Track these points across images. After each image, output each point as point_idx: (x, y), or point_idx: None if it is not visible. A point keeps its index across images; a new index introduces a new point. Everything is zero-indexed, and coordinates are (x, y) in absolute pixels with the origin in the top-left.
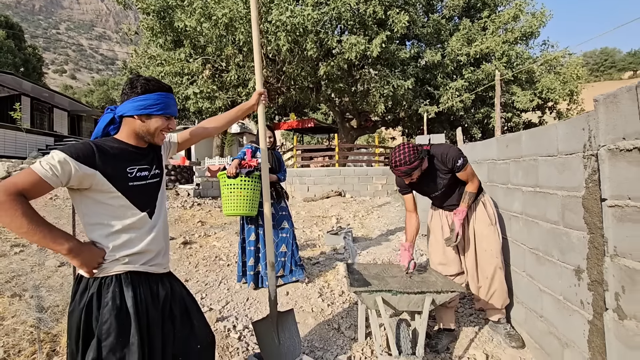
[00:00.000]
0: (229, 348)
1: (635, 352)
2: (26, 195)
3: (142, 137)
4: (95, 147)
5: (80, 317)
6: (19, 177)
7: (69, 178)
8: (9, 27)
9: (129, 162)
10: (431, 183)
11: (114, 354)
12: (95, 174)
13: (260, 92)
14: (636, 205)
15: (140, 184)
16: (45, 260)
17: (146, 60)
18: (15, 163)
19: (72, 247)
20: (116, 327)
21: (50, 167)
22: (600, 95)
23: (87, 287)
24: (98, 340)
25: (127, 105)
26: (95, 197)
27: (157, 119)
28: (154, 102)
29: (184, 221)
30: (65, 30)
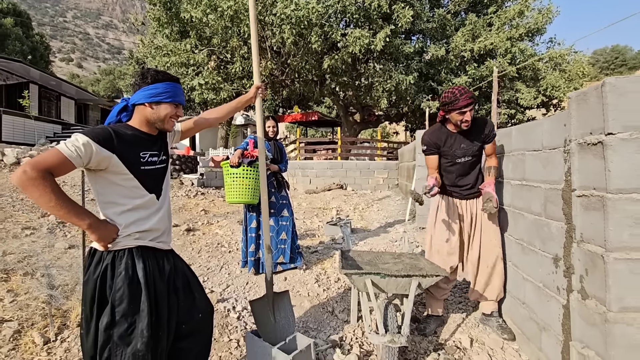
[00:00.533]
0: (228, 326)
1: (593, 329)
2: (53, 173)
3: (152, 123)
4: (114, 132)
5: (95, 285)
6: (48, 156)
7: (89, 159)
8: (16, 14)
9: (142, 147)
10: (463, 145)
11: (126, 318)
12: (112, 157)
13: (257, 86)
14: (599, 195)
15: (150, 168)
16: (55, 243)
17: (152, 50)
18: (24, 150)
19: (92, 222)
20: (128, 294)
21: (75, 149)
22: (573, 93)
23: (101, 259)
24: (112, 306)
25: (139, 94)
26: (110, 178)
27: (166, 106)
28: (163, 90)
29: (187, 209)
30: (72, 18)
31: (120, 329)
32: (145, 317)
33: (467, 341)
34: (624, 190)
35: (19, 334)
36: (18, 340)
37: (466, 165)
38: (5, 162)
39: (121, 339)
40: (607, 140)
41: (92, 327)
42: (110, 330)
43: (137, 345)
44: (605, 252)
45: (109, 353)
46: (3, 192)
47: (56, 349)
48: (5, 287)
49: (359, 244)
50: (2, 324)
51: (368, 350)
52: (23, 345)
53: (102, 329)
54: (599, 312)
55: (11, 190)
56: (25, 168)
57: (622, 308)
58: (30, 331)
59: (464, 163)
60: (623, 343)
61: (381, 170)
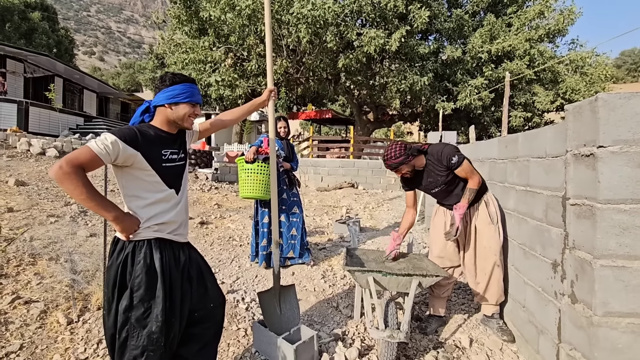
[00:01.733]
0: (237, 316)
1: (581, 331)
2: (85, 168)
3: (173, 122)
4: (138, 132)
5: (117, 271)
6: (80, 154)
7: (117, 156)
8: (43, 9)
9: (163, 145)
10: (429, 180)
11: (143, 303)
12: (137, 154)
13: (271, 89)
14: (589, 204)
15: (170, 165)
16: (77, 231)
17: (172, 47)
18: (49, 140)
19: (117, 215)
20: (146, 281)
21: (104, 147)
22: (570, 105)
23: (123, 247)
24: (131, 291)
25: (159, 96)
26: (135, 174)
27: (185, 106)
28: (181, 91)
29: (201, 203)
30: (95, 12)
31: (138, 312)
32: (160, 303)
33: (467, 341)
34: (612, 201)
35: (45, 314)
36: (44, 319)
37: (442, 191)
38: (32, 152)
39: (138, 322)
40: (598, 152)
41: (113, 309)
42: (129, 313)
43: (152, 328)
44: (592, 259)
45: (127, 333)
46: (30, 181)
47: (78, 329)
48: (33, 270)
49: (367, 243)
50: (31, 304)
51: (369, 345)
52: (49, 324)
53: (121, 311)
54: (586, 316)
55: (37, 180)
56: (62, 164)
57: (607, 312)
58: (55, 312)
59: (438, 191)
60: (607, 346)
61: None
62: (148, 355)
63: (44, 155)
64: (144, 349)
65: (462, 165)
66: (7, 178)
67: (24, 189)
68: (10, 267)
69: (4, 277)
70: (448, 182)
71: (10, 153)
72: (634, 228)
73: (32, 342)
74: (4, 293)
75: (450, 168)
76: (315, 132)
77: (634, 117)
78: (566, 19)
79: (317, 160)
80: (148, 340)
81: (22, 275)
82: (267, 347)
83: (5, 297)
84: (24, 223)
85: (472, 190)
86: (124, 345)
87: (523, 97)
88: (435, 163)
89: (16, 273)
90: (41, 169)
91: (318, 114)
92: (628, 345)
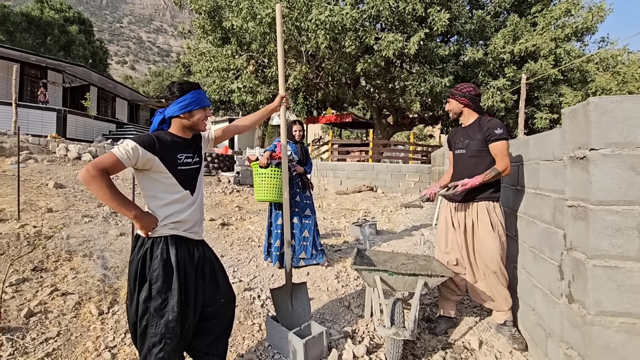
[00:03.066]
0: (253, 312)
1: (576, 330)
2: (108, 171)
3: (188, 128)
4: (156, 138)
5: (137, 265)
6: (105, 159)
7: (137, 160)
8: (80, 22)
9: (179, 150)
10: (464, 140)
11: (160, 295)
12: (155, 159)
13: (282, 96)
14: (584, 206)
15: (185, 168)
16: (108, 230)
17: (197, 55)
18: (84, 146)
19: (137, 214)
20: (162, 274)
21: (126, 152)
22: (566, 109)
23: (143, 243)
24: (149, 283)
25: (173, 108)
26: (153, 176)
27: (197, 112)
28: (191, 100)
29: (223, 205)
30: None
31: (156, 303)
32: (175, 295)
33: (476, 343)
34: (604, 202)
35: (79, 305)
36: (78, 310)
37: (461, 159)
38: (69, 156)
39: (156, 311)
40: (590, 155)
41: (135, 299)
42: (148, 303)
43: (169, 317)
44: (586, 259)
45: (146, 322)
46: (67, 183)
47: (108, 320)
48: (69, 265)
49: (382, 245)
50: (67, 295)
51: (378, 344)
52: (82, 314)
53: (141, 302)
54: (581, 315)
55: (73, 182)
56: (88, 167)
57: (600, 312)
58: (88, 303)
59: (459, 156)
60: (600, 344)
61: (412, 174)
62: (165, 342)
63: (79, 160)
64: (162, 336)
65: (501, 142)
66: (48, 181)
67: (62, 191)
68: (50, 262)
69: (44, 271)
70: (476, 153)
71: (50, 158)
72: (626, 229)
73: (68, 330)
74: (44, 285)
75: (488, 138)
76: (337, 135)
77: (625, 120)
78: (595, 16)
79: (336, 164)
80: (165, 329)
81: (60, 270)
82: (279, 341)
83: (46, 289)
84: (62, 222)
85: (496, 172)
86: (144, 333)
87: (549, 98)
88: (477, 127)
89: (55, 268)
90: (77, 173)
91: (338, 117)
92: (621, 344)
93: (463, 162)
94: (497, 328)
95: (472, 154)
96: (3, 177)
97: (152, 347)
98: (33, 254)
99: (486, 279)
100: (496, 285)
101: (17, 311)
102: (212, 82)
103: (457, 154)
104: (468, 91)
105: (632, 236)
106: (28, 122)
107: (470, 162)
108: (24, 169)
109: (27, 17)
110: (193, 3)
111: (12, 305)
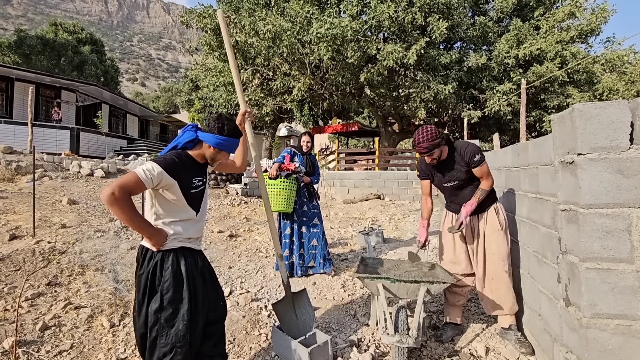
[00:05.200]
0: (259, 322)
1: (574, 334)
2: (131, 193)
3: (206, 158)
4: (180, 162)
5: (147, 277)
6: (129, 181)
7: (158, 183)
8: (92, 43)
9: (194, 174)
10: (448, 172)
11: (171, 305)
12: (174, 184)
13: (243, 113)
14: (575, 210)
15: (196, 191)
16: (120, 244)
17: (204, 71)
18: (96, 162)
19: (151, 232)
20: (174, 284)
21: (151, 177)
22: (555, 115)
23: (152, 256)
24: (161, 294)
25: (211, 138)
26: (167, 197)
27: (224, 154)
28: (231, 145)
29: (231, 217)
30: (137, 42)
31: (167, 313)
32: (186, 304)
33: (483, 350)
34: (594, 206)
35: (91, 318)
36: (91, 323)
37: (454, 188)
38: (82, 173)
39: (167, 322)
40: (578, 160)
41: (144, 311)
42: (159, 314)
43: (179, 327)
44: (579, 262)
45: (157, 333)
46: (80, 199)
47: (119, 332)
48: (82, 279)
49: (389, 253)
50: (80, 309)
51: (384, 352)
52: (94, 327)
53: (151, 312)
54: (577, 318)
55: (86, 198)
56: (114, 190)
57: (595, 314)
58: (100, 316)
59: (451, 187)
60: (597, 347)
61: (419, 181)
62: (176, 351)
63: (92, 176)
64: (172, 345)
65: (482, 165)
66: (62, 197)
67: (75, 207)
68: (64, 277)
69: (58, 285)
70: (464, 180)
71: (63, 175)
72: (616, 231)
73: (81, 343)
74: (58, 299)
75: (471, 165)
76: (344, 145)
77: (609, 125)
78: (598, 17)
79: (343, 172)
80: (176, 338)
81: (73, 284)
82: (284, 350)
83: (59, 302)
84: (75, 238)
85: (484, 191)
86: (154, 344)
87: (556, 100)
88: (458, 158)
89: (68, 282)
90: (90, 189)
91: (344, 127)
92: (618, 347)
93: (454, 191)
94: (502, 333)
95: (462, 182)
96: (20, 195)
97: (163, 357)
98: (48, 269)
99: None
100: (508, 285)
101: (32, 325)
102: (219, 96)
103: (446, 186)
104: (434, 135)
105: (622, 238)
106: (43, 140)
107: (461, 189)
108: (39, 187)
109: (42, 40)
110: (199, 22)
111: (28, 319)
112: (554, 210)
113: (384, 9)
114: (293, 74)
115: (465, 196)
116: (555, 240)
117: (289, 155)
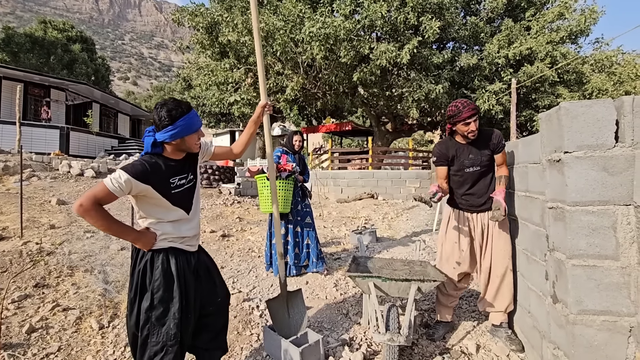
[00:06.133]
0: (251, 322)
1: (561, 330)
2: (101, 203)
3: (182, 150)
4: (149, 166)
5: (138, 276)
6: (97, 192)
7: (130, 190)
8: (83, 41)
9: (172, 174)
10: (471, 155)
11: (162, 303)
12: (148, 188)
13: (263, 105)
14: (562, 207)
15: (179, 191)
16: (110, 244)
17: (196, 70)
18: (87, 162)
19: (135, 236)
20: (164, 283)
21: (118, 185)
22: (542, 114)
23: (143, 256)
24: (151, 292)
25: (163, 135)
26: (149, 201)
27: (189, 137)
28: (182, 128)
29: (224, 217)
30: (129, 40)
31: (157, 311)
32: (176, 303)
33: (474, 347)
34: (580, 203)
35: (80, 319)
36: (79, 325)
37: (475, 175)
38: (72, 173)
39: (157, 320)
40: (564, 157)
41: (135, 309)
42: (150, 313)
43: (170, 325)
44: (566, 259)
45: (148, 331)
46: (70, 200)
47: (108, 334)
48: (70, 281)
49: (382, 252)
50: (68, 311)
51: (375, 351)
52: (83, 329)
53: (143, 311)
54: (564, 315)
55: (76, 198)
56: (82, 201)
57: (581, 310)
58: (88, 318)
59: (472, 173)
60: (583, 343)
61: (413, 180)
62: (167, 349)
63: (82, 176)
64: (163, 344)
65: (504, 150)
66: (51, 198)
67: (64, 207)
68: (52, 278)
69: (46, 287)
70: (485, 166)
71: (53, 175)
72: (602, 229)
73: (69, 345)
74: (46, 301)
75: (496, 149)
76: (337, 144)
77: (595, 123)
78: (588, 18)
79: (337, 172)
80: (167, 337)
81: (62, 285)
82: (275, 350)
83: (47, 304)
84: (64, 238)
85: (507, 178)
86: (145, 343)
87: (547, 100)
88: (485, 139)
89: (56, 283)
90: (80, 189)
91: (338, 126)
92: (604, 342)
93: (475, 178)
94: (493, 330)
95: (484, 168)
96: (7, 196)
97: (154, 355)
98: (35, 270)
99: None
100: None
101: (18, 327)
102: (211, 95)
103: (468, 172)
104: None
105: (608, 235)
106: (32, 140)
107: (480, 175)
108: (28, 187)
109: (30, 38)
110: (191, 20)
111: (14, 322)
112: (542, 208)
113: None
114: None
115: (482, 186)
116: (543, 238)
117: (285, 155)
